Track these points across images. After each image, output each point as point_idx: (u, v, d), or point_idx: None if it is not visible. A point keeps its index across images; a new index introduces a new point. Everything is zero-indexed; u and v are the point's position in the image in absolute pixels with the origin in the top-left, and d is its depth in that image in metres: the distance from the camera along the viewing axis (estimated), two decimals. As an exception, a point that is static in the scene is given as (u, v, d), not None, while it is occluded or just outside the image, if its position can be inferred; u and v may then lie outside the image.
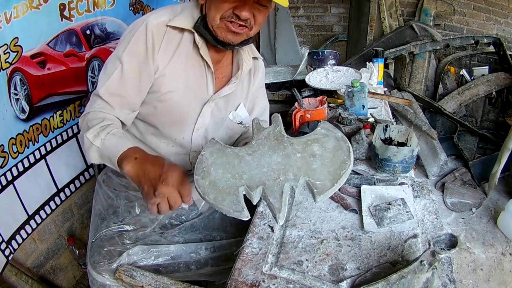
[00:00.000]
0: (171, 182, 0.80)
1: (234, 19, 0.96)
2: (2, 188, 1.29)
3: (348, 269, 0.80)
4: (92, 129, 0.94)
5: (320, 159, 0.83)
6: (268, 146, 0.88)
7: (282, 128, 0.94)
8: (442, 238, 0.76)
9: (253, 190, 0.77)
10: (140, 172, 0.83)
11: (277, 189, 0.77)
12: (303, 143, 0.88)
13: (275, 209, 0.74)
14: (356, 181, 1.08)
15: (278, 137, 0.91)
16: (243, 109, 1.22)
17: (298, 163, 0.83)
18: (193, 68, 1.07)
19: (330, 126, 0.95)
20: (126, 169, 0.85)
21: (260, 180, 0.79)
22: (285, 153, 0.86)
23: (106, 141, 0.92)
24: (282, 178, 0.79)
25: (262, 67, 1.28)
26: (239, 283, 0.77)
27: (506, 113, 2.85)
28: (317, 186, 0.77)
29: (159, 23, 1.00)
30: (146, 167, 0.83)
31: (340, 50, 3.23)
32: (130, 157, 0.86)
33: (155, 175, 0.81)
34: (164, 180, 0.80)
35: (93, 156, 0.94)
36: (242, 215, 0.74)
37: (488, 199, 2.28)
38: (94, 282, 1.05)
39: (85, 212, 1.79)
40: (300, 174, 0.80)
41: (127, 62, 0.99)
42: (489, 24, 3.01)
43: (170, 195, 0.80)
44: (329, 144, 0.87)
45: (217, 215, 1.30)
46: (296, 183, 0.78)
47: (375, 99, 1.84)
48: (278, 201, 0.75)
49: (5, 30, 1.19)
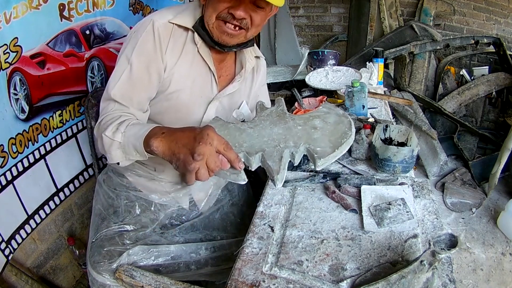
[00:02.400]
0: (209, 141, 0.72)
1: (229, 19, 0.95)
2: (2, 188, 1.29)
3: (348, 269, 0.80)
4: (110, 127, 0.89)
5: (321, 130, 0.84)
6: (270, 121, 0.90)
7: (285, 108, 0.95)
8: (442, 238, 0.76)
9: (252, 156, 0.78)
10: (171, 143, 0.76)
11: (277, 154, 0.78)
12: (304, 119, 0.90)
13: (273, 171, 0.75)
14: (356, 181, 1.08)
15: (280, 114, 0.92)
16: (246, 107, 1.23)
17: (299, 133, 0.84)
18: (198, 68, 1.07)
19: (331, 105, 0.98)
20: (154, 145, 0.77)
21: (260, 147, 0.80)
22: (286, 126, 0.86)
23: (127, 132, 0.86)
24: (282, 146, 0.80)
25: (264, 65, 1.28)
26: (239, 283, 0.77)
27: (506, 113, 2.85)
28: (317, 151, 0.78)
29: (165, 22, 1.00)
30: (177, 135, 0.76)
31: (340, 50, 3.23)
32: (157, 133, 0.79)
33: (189, 139, 0.73)
34: (200, 139, 0.72)
35: (115, 154, 0.88)
36: (239, 178, 0.75)
37: (488, 199, 2.28)
38: (94, 282, 1.05)
39: (85, 212, 1.79)
40: (300, 142, 0.80)
41: (136, 63, 0.98)
42: (489, 24, 3.01)
43: (211, 155, 0.72)
44: (331, 119, 0.89)
45: (217, 215, 1.30)
46: (296, 149, 0.79)
47: (375, 99, 1.84)
48: (277, 164, 0.75)
49: (4, 30, 1.19)
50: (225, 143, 0.74)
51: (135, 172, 1.20)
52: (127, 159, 0.89)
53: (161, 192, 1.21)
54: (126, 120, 0.91)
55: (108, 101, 0.99)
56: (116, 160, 0.89)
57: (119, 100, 0.97)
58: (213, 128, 0.75)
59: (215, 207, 1.30)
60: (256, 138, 0.83)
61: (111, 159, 0.89)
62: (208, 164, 0.72)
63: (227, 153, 0.74)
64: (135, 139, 0.84)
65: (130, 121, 0.91)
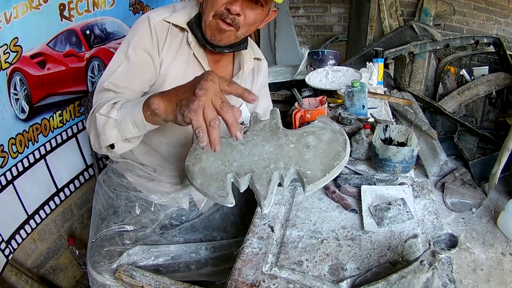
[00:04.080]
0: (210, 78, 0.66)
1: (225, 15, 0.95)
2: (2, 188, 1.29)
3: (348, 269, 0.79)
4: (104, 106, 0.83)
5: (313, 150, 0.82)
6: (262, 137, 0.87)
7: (279, 121, 0.93)
8: (442, 238, 0.76)
9: (241, 177, 0.77)
10: (172, 96, 0.71)
11: (265, 177, 0.76)
12: (298, 135, 0.87)
13: (260, 196, 0.74)
14: (356, 181, 1.08)
15: (273, 129, 0.90)
16: (245, 109, 1.22)
17: (291, 153, 0.81)
18: (194, 69, 1.07)
19: (328, 119, 0.94)
20: (156, 103, 0.72)
21: (250, 168, 0.79)
22: (278, 144, 0.84)
23: (123, 108, 0.81)
24: (272, 167, 0.78)
25: (265, 67, 1.28)
26: (239, 283, 0.77)
27: (506, 113, 2.85)
28: (307, 175, 0.75)
29: (161, 20, 1.00)
30: (177, 88, 0.72)
31: (340, 50, 3.23)
32: (157, 95, 0.74)
33: (189, 85, 0.69)
34: (201, 79, 0.67)
35: (110, 134, 0.82)
36: (226, 201, 0.73)
37: (488, 199, 2.28)
38: (94, 282, 1.05)
39: (85, 212, 1.79)
40: (291, 164, 0.78)
41: (133, 56, 0.98)
42: (489, 24, 3.01)
43: (215, 93, 0.65)
44: (325, 136, 0.86)
45: (217, 215, 1.30)
46: (286, 171, 0.77)
47: (375, 99, 1.84)
48: (265, 188, 0.74)
49: (5, 30, 1.19)
50: (228, 79, 0.69)
51: (135, 172, 1.20)
52: (123, 139, 0.83)
53: (161, 192, 1.21)
54: (121, 100, 0.87)
55: (101, 92, 0.94)
56: (111, 141, 0.83)
57: (113, 89, 0.94)
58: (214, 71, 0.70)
59: (215, 207, 1.30)
60: (246, 157, 0.81)
61: (106, 139, 0.83)
62: (213, 102, 0.64)
63: (233, 88, 0.69)
64: (132, 109, 0.79)
65: (125, 100, 0.86)
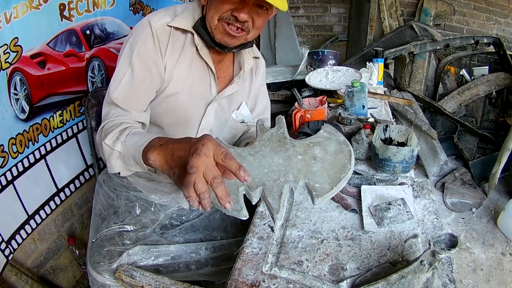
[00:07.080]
0: (203, 152, 0.65)
1: (232, 21, 0.95)
2: (2, 188, 1.29)
3: (348, 269, 0.80)
4: (110, 134, 0.87)
5: (320, 162, 0.84)
6: (270, 148, 0.89)
7: (286, 130, 0.95)
8: (442, 238, 0.76)
9: (253, 190, 0.77)
10: (167, 155, 0.72)
11: (277, 190, 0.77)
12: (305, 146, 0.89)
13: (273, 210, 0.75)
14: (356, 181, 1.08)
15: (280, 139, 0.91)
16: (245, 108, 1.23)
17: (299, 165, 0.83)
18: (197, 69, 1.07)
19: (333, 129, 0.96)
20: (152, 159, 0.74)
21: (260, 180, 0.80)
22: (287, 155, 0.86)
23: (127, 142, 0.85)
24: (282, 180, 0.79)
25: (263, 65, 1.28)
26: (239, 283, 0.77)
27: (506, 113, 2.85)
28: (316, 188, 0.78)
29: (162, 24, 1.00)
30: (173, 147, 0.72)
31: (340, 50, 3.23)
32: (155, 145, 0.75)
33: (184, 151, 0.68)
34: (194, 151, 0.65)
35: (115, 164, 0.87)
36: (241, 215, 0.74)
37: (488, 199, 2.28)
38: (94, 282, 1.05)
39: (85, 212, 1.79)
40: (300, 176, 0.80)
41: (137, 64, 0.98)
42: (489, 24, 3.01)
43: (207, 167, 0.65)
44: (331, 148, 0.88)
45: (217, 215, 1.30)
46: (296, 184, 0.79)
47: (375, 99, 1.84)
48: (277, 202, 0.75)
49: (5, 30, 1.19)
50: (224, 152, 0.67)
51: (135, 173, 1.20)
52: (127, 170, 0.88)
53: (161, 192, 1.21)
54: (127, 128, 0.91)
55: (109, 106, 0.99)
56: (117, 170, 0.88)
57: (120, 105, 0.97)
58: (211, 137, 0.69)
59: (215, 207, 1.30)
60: (256, 169, 0.82)
61: (111, 168, 0.88)
62: (205, 176, 0.65)
63: (227, 163, 0.67)
64: (134, 150, 0.82)
65: (131, 129, 0.90)
